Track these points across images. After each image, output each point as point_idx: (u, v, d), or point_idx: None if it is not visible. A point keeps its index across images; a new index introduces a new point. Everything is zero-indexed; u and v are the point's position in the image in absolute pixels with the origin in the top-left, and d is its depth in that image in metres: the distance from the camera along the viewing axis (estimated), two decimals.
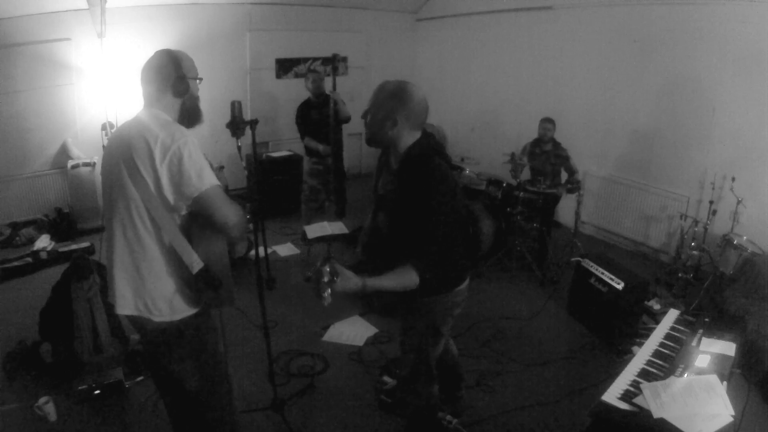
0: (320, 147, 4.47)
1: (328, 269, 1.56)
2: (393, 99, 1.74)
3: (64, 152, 5.17)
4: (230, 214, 1.61)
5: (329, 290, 1.56)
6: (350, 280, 1.61)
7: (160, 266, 1.66)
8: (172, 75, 1.69)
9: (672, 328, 2.24)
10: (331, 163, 4.51)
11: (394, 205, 1.86)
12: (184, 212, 1.66)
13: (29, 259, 4.33)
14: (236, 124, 2.14)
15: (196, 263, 1.63)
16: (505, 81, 6.10)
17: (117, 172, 1.63)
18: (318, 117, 4.49)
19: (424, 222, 1.71)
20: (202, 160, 1.61)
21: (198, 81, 1.80)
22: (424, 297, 1.92)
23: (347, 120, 4.39)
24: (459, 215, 1.87)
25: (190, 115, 1.77)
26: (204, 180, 1.58)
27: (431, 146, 1.83)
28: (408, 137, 1.80)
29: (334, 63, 4.28)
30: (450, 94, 6.80)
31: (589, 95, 5.14)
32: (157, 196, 1.59)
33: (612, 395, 1.77)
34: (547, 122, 4.48)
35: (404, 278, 1.70)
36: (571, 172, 4.43)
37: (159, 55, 1.72)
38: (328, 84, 4.46)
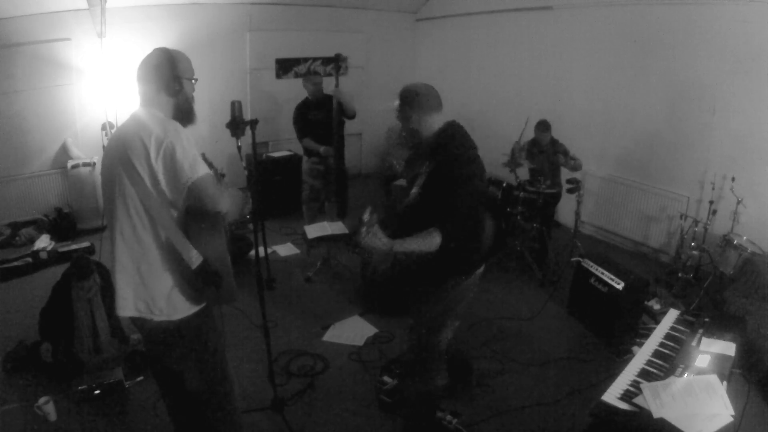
0: (321, 149, 4.35)
1: (374, 220, 1.75)
2: (404, 102, 2.03)
3: (64, 152, 5.17)
4: (221, 200, 1.63)
5: (371, 234, 1.73)
6: (381, 239, 1.77)
7: (159, 264, 1.67)
8: (167, 75, 1.70)
9: (672, 328, 2.24)
10: (332, 163, 4.39)
11: (426, 182, 2.02)
12: (181, 206, 1.66)
13: (29, 259, 4.32)
14: (236, 124, 2.14)
15: (195, 258, 1.64)
16: (505, 81, 6.10)
17: (115, 173, 1.65)
18: (317, 117, 4.41)
19: (451, 193, 1.89)
20: (195, 152, 1.63)
21: (193, 82, 1.81)
22: (448, 280, 2.07)
23: (353, 116, 4.27)
24: (483, 198, 2.07)
25: (182, 115, 1.78)
26: (196, 169, 1.60)
27: (460, 131, 2.07)
28: (430, 120, 2.02)
29: (338, 63, 4.15)
30: (450, 94, 6.68)
31: (589, 95, 5.14)
32: (154, 192, 1.61)
33: (612, 395, 1.77)
34: (542, 130, 4.38)
35: (428, 240, 1.84)
36: (565, 153, 4.32)
37: (156, 54, 1.73)
38: (329, 84, 4.42)
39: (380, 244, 1.75)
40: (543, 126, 4.40)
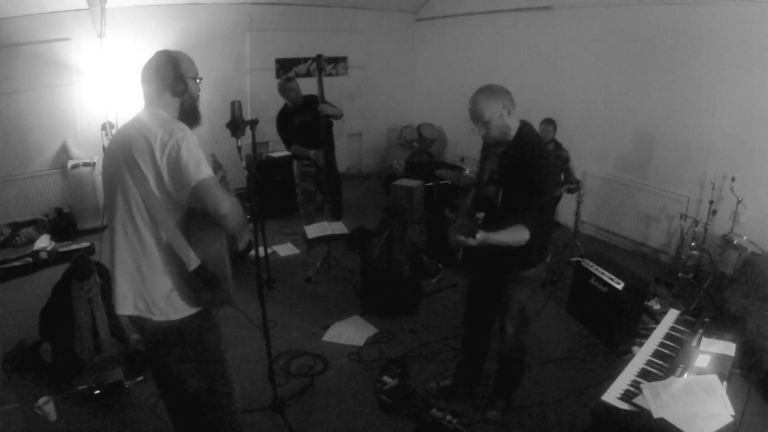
0: (311, 153, 4.25)
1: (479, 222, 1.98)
2: (490, 97, 2.29)
3: (64, 152, 5.17)
4: (224, 203, 1.62)
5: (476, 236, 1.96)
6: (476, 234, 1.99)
7: (159, 264, 1.67)
8: (170, 75, 1.71)
9: (672, 328, 2.24)
10: (323, 165, 4.30)
11: (505, 178, 2.20)
12: (185, 205, 1.66)
13: (29, 259, 4.33)
14: (236, 124, 2.14)
15: (193, 261, 1.64)
16: (505, 81, 5.97)
17: (118, 172, 1.65)
18: (301, 121, 4.28)
19: (536, 188, 2.12)
20: (200, 153, 1.63)
21: (198, 80, 1.82)
22: (527, 269, 2.32)
23: (340, 117, 4.25)
24: (551, 196, 2.40)
25: (188, 116, 1.79)
26: (201, 170, 1.60)
27: (534, 130, 2.29)
28: (512, 117, 2.24)
29: (320, 64, 4.03)
30: (450, 95, 6.79)
31: (589, 95, 5.14)
32: (157, 192, 1.61)
33: (612, 395, 1.77)
34: (547, 124, 4.46)
35: (518, 233, 2.08)
36: (568, 174, 4.41)
37: (158, 56, 1.75)
38: (308, 85, 4.32)
39: (477, 238, 1.98)
40: (547, 121, 4.44)
